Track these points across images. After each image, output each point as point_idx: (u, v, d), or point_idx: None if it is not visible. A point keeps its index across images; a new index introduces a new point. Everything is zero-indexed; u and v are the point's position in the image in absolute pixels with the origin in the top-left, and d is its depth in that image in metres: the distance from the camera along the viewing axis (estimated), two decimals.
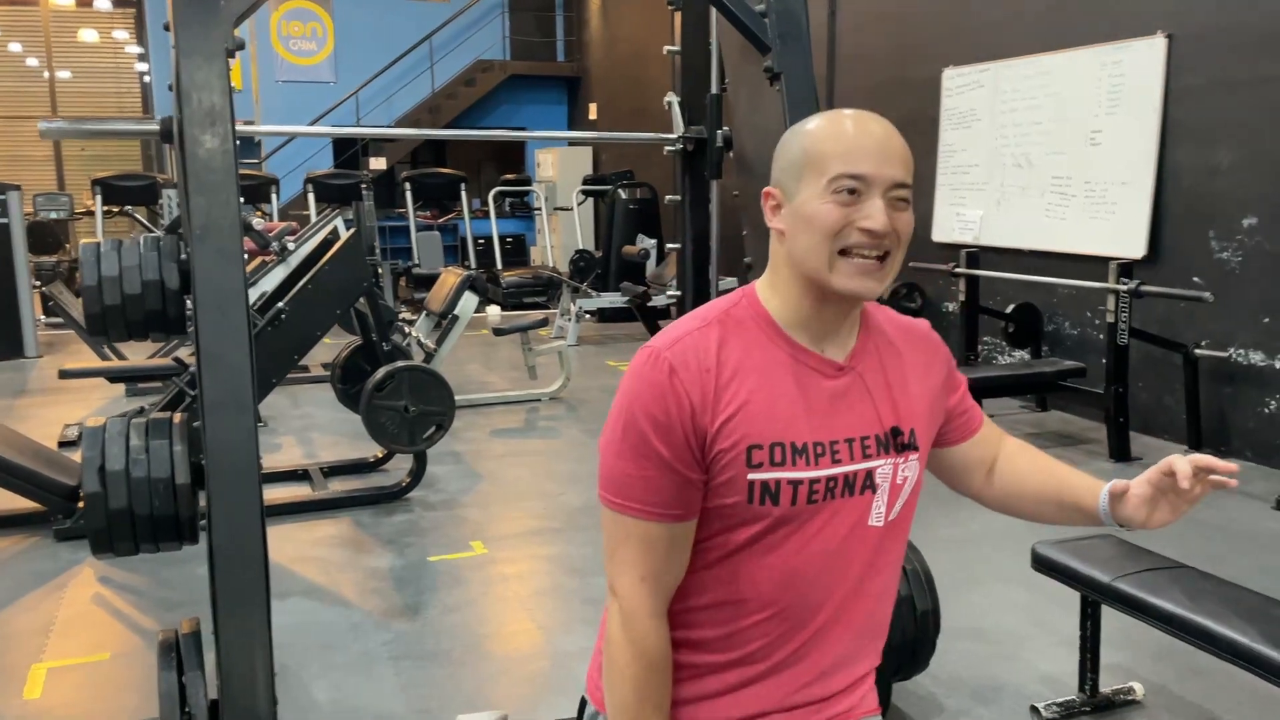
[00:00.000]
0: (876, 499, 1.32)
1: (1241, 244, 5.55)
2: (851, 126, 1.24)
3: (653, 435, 1.23)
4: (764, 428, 1.25)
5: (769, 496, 1.25)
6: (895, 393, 1.34)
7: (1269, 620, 2.44)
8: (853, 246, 1.22)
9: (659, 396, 1.23)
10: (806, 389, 1.28)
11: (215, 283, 2.26)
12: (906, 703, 3.01)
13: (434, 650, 3.45)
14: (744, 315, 1.30)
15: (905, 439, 1.34)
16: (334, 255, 4.71)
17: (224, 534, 2.20)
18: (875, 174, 1.22)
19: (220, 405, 2.23)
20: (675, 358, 1.24)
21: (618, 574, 1.29)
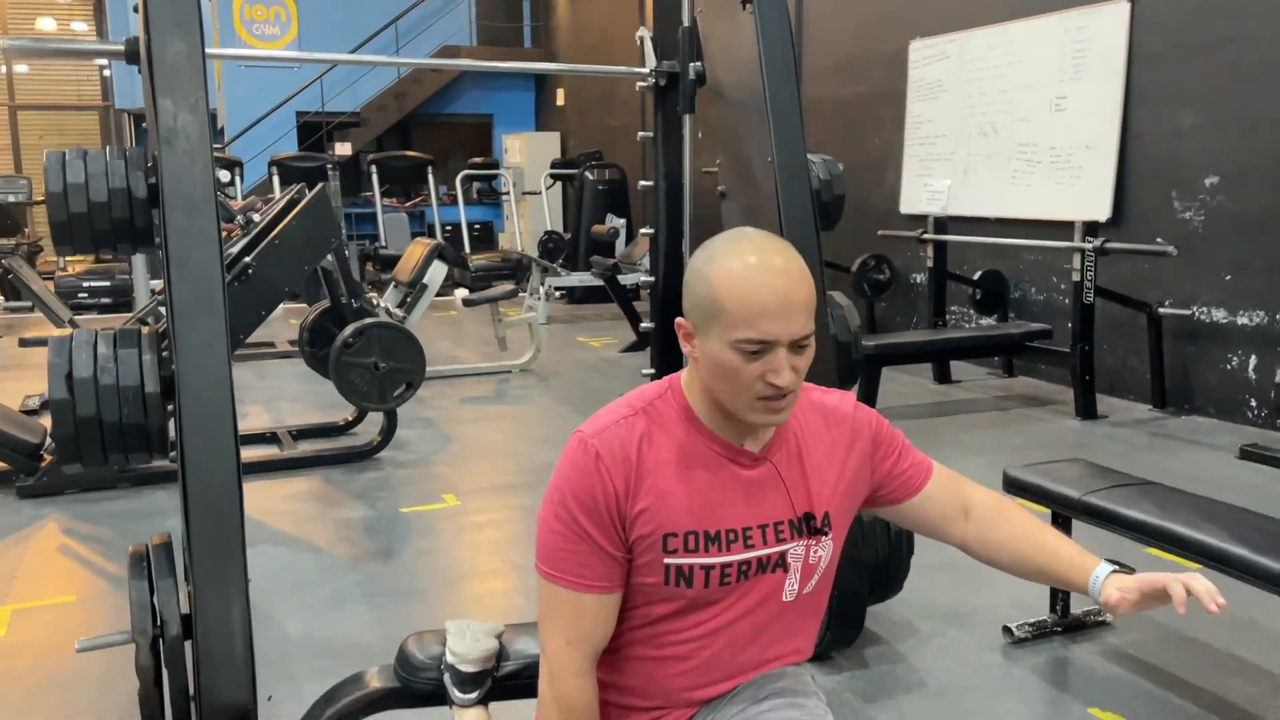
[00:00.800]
0: (789, 578, 1.41)
1: (1204, 204, 5.63)
2: (757, 285, 1.26)
3: (581, 516, 1.33)
4: (679, 517, 1.34)
5: (683, 579, 1.35)
6: (810, 479, 1.42)
7: (1237, 524, 2.48)
8: (760, 395, 1.29)
9: (586, 481, 1.33)
10: (722, 479, 1.37)
11: (183, 186, 2.22)
12: (880, 626, 3.03)
13: (408, 588, 3.43)
14: (667, 408, 1.39)
15: (818, 523, 1.41)
16: (302, 209, 4.65)
17: (195, 440, 2.17)
18: (779, 334, 1.26)
19: (190, 310, 2.19)
20: (601, 445, 1.34)
21: (548, 637, 1.39)
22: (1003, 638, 2.98)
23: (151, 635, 2.19)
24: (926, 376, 6.74)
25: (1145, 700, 2.63)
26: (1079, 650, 2.92)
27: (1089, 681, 2.75)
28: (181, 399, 2.16)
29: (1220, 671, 2.78)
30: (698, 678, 1.42)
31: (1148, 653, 2.89)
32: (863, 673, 2.79)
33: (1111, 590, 1.37)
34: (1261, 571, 2.27)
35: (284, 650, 2.96)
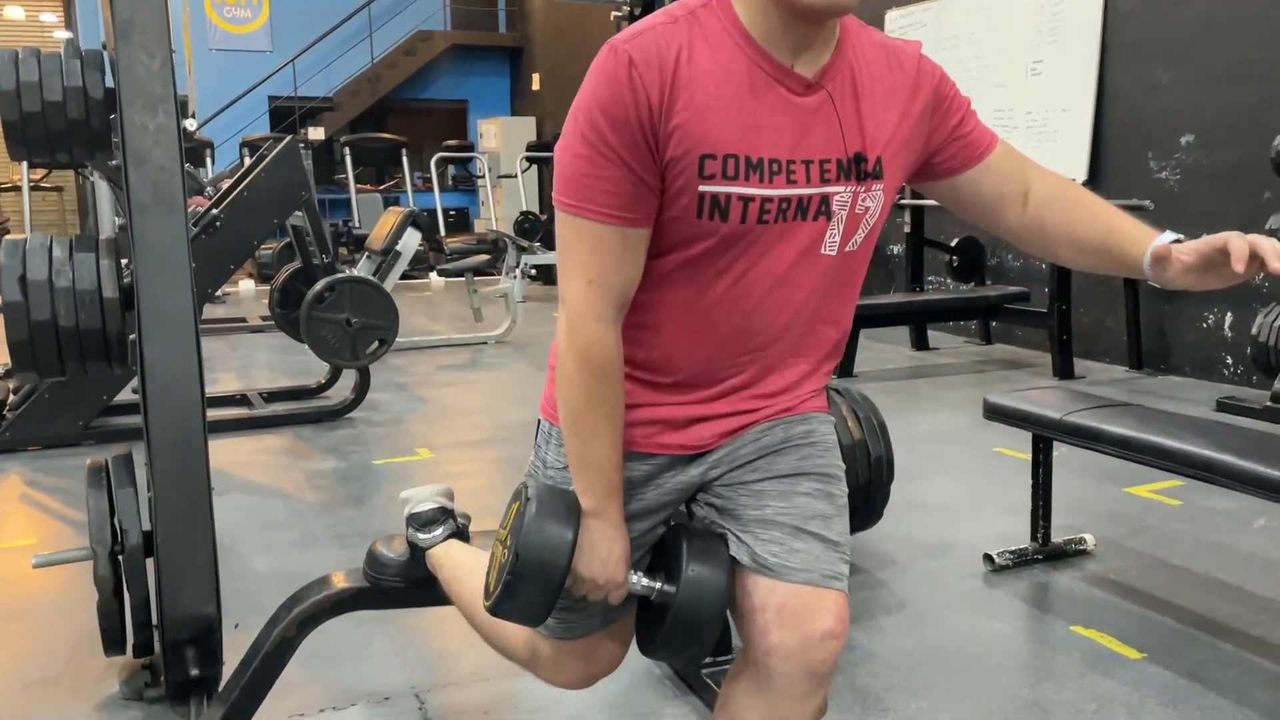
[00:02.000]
0: (831, 226, 1.27)
1: (1179, 162, 5.64)
2: None
3: (609, 132, 1.18)
4: (719, 137, 1.19)
5: (718, 211, 1.21)
6: (865, 117, 1.27)
7: (1217, 434, 2.45)
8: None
9: (617, 92, 1.17)
10: (769, 103, 1.21)
11: (140, 80, 2.14)
12: (860, 558, 2.99)
13: (380, 530, 3.33)
14: (711, 18, 1.22)
15: (869, 167, 1.27)
16: (271, 161, 4.57)
17: (157, 344, 2.09)
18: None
19: (149, 208, 2.11)
20: (635, 51, 1.18)
21: (566, 279, 1.25)
22: (983, 565, 2.94)
23: (110, 546, 2.12)
24: (904, 344, 6.72)
25: (1128, 618, 2.60)
26: (1060, 576, 2.89)
27: (1071, 603, 2.72)
28: (141, 298, 2.09)
29: (1202, 591, 2.75)
30: (726, 349, 1.31)
31: (1129, 578, 2.86)
32: None
33: (1166, 246, 1.28)
34: (1247, 476, 2.23)
35: (251, 584, 2.88)
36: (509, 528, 1.33)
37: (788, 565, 1.31)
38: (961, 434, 4.45)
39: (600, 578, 1.31)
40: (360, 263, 6.88)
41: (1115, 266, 1.37)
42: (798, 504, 1.34)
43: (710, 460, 1.39)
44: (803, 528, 1.33)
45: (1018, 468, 3.73)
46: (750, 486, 1.37)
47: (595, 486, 1.30)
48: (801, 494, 1.35)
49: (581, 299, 1.24)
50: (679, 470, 1.39)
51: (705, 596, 1.30)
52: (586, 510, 1.31)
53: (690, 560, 1.31)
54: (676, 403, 1.35)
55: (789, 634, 1.28)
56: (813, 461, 1.38)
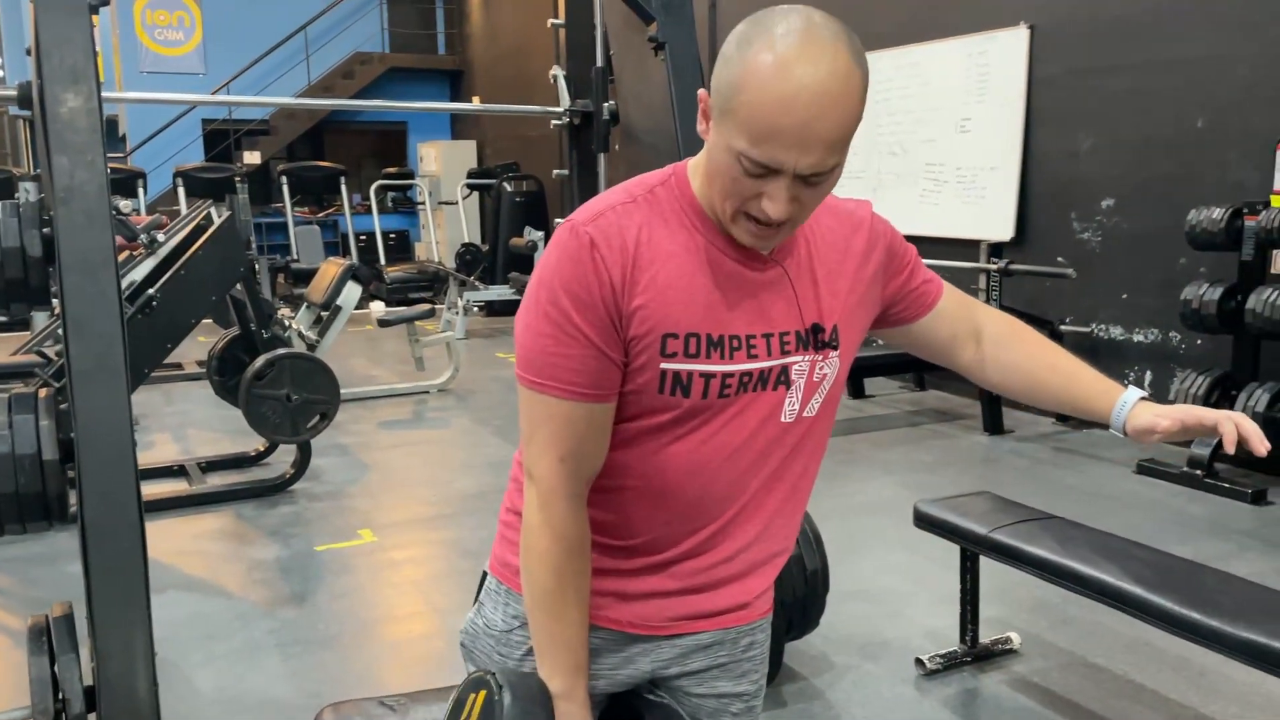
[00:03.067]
0: (790, 395, 1.29)
1: (1101, 224, 5.84)
2: (779, 99, 1.08)
3: (574, 311, 1.19)
4: (681, 316, 1.21)
5: (679, 388, 1.23)
6: (821, 288, 1.30)
7: (1132, 560, 2.58)
8: (748, 213, 1.17)
9: (580, 272, 1.18)
10: (727, 280, 1.24)
11: (81, 247, 2.16)
12: (798, 662, 3.08)
13: (324, 635, 3.37)
14: (670, 197, 1.25)
15: (825, 336, 1.30)
16: (209, 238, 4.54)
17: (98, 507, 2.11)
18: (785, 164, 1.11)
19: (90, 374, 2.13)
20: (596, 233, 1.19)
21: (537, 456, 1.26)
22: (915, 669, 3.05)
23: (53, 711, 2.12)
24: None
25: None
26: (987, 680, 3.01)
27: (997, 712, 2.83)
28: (82, 466, 2.10)
29: (1120, 697, 2.89)
30: (687, 517, 1.32)
31: (1052, 681, 2.99)
32: (781, 712, 2.84)
33: (1145, 415, 1.32)
34: (1154, 609, 2.36)
35: (195, 708, 2.88)
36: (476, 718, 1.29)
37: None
38: (894, 504, 4.57)
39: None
40: (300, 312, 6.84)
41: (1078, 414, 1.44)
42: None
43: (661, 658, 1.41)
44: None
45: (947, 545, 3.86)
46: (692, 699, 1.44)
47: (563, 665, 1.30)
48: (730, 714, 1.46)
49: (554, 475, 1.25)
50: (629, 656, 1.40)
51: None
52: (555, 693, 1.30)
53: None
54: (631, 570, 1.36)
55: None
56: (744, 684, 1.46)
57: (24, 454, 2.16)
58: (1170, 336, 5.50)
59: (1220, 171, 5.18)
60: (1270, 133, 4.89)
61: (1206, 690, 2.92)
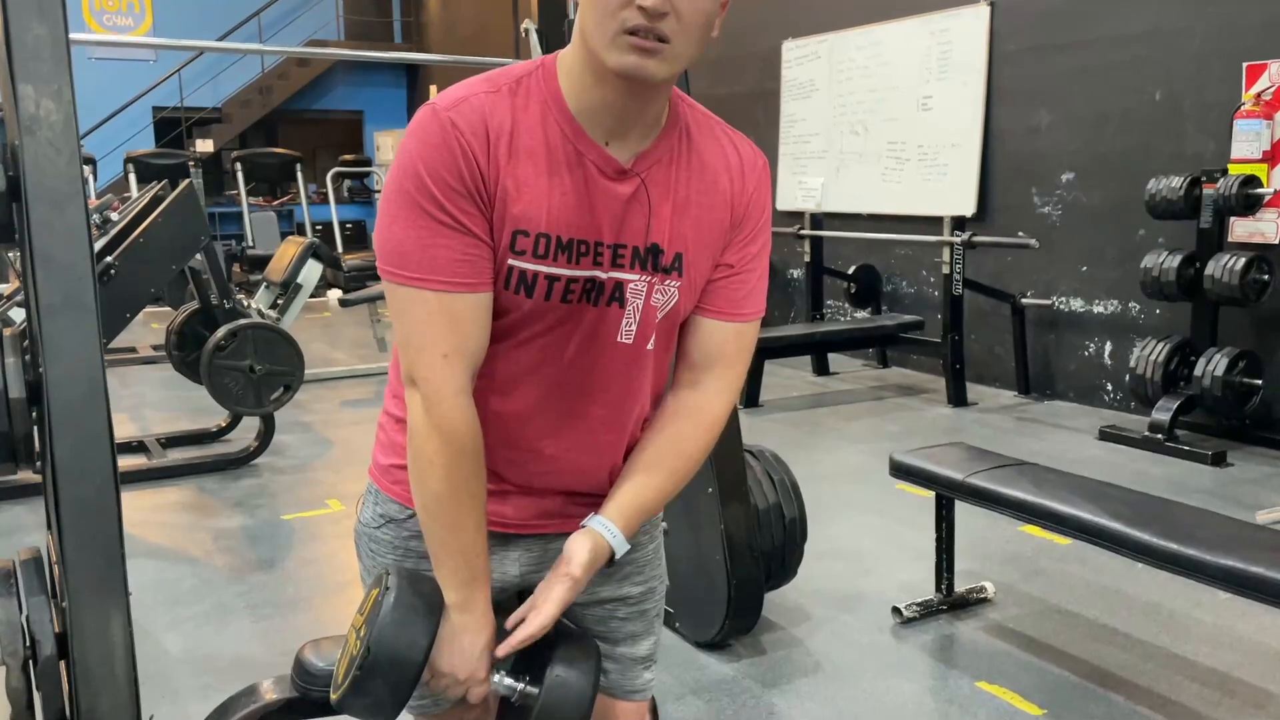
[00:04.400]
0: (626, 316, 1.25)
1: (1061, 199, 5.92)
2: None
3: (444, 198, 1.14)
4: (534, 215, 1.18)
5: (524, 287, 1.20)
6: (675, 210, 1.24)
7: (1108, 499, 2.61)
8: (627, 25, 1.11)
9: (448, 158, 1.14)
10: (584, 184, 1.20)
11: (48, 179, 2.08)
12: (776, 614, 3.08)
13: (294, 597, 3.31)
14: (535, 89, 1.20)
15: (665, 261, 1.24)
16: (168, 206, 4.44)
17: (68, 446, 2.04)
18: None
19: (58, 308, 2.06)
20: (459, 117, 1.15)
21: (416, 357, 1.19)
22: (892, 618, 3.06)
23: (23, 656, 2.06)
24: (806, 369, 6.89)
25: (1028, 672, 2.75)
26: (964, 627, 3.03)
27: (974, 656, 2.85)
28: (51, 404, 2.04)
29: (1094, 641, 2.92)
30: (543, 412, 1.28)
31: (1027, 627, 3.02)
32: (761, 659, 2.84)
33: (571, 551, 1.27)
34: (1132, 543, 2.39)
35: (164, 667, 2.82)
36: (365, 615, 1.26)
37: None
38: (864, 471, 4.60)
39: (461, 673, 1.26)
40: (259, 293, 6.73)
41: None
42: (612, 627, 1.44)
43: (528, 561, 1.39)
44: (613, 651, 1.44)
45: (919, 505, 3.89)
46: (575, 609, 1.39)
47: (459, 574, 1.25)
48: (618, 619, 1.44)
49: (439, 375, 1.19)
50: (498, 559, 1.37)
51: (569, 702, 1.24)
52: (450, 602, 1.25)
53: (557, 662, 1.26)
54: (494, 468, 1.32)
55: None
56: (632, 581, 1.44)
57: None
58: (1130, 307, 5.59)
59: (1178, 143, 5.27)
60: (1226, 105, 4.99)
61: (1176, 632, 2.97)
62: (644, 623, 1.46)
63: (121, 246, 4.35)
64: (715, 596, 2.77)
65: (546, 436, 1.31)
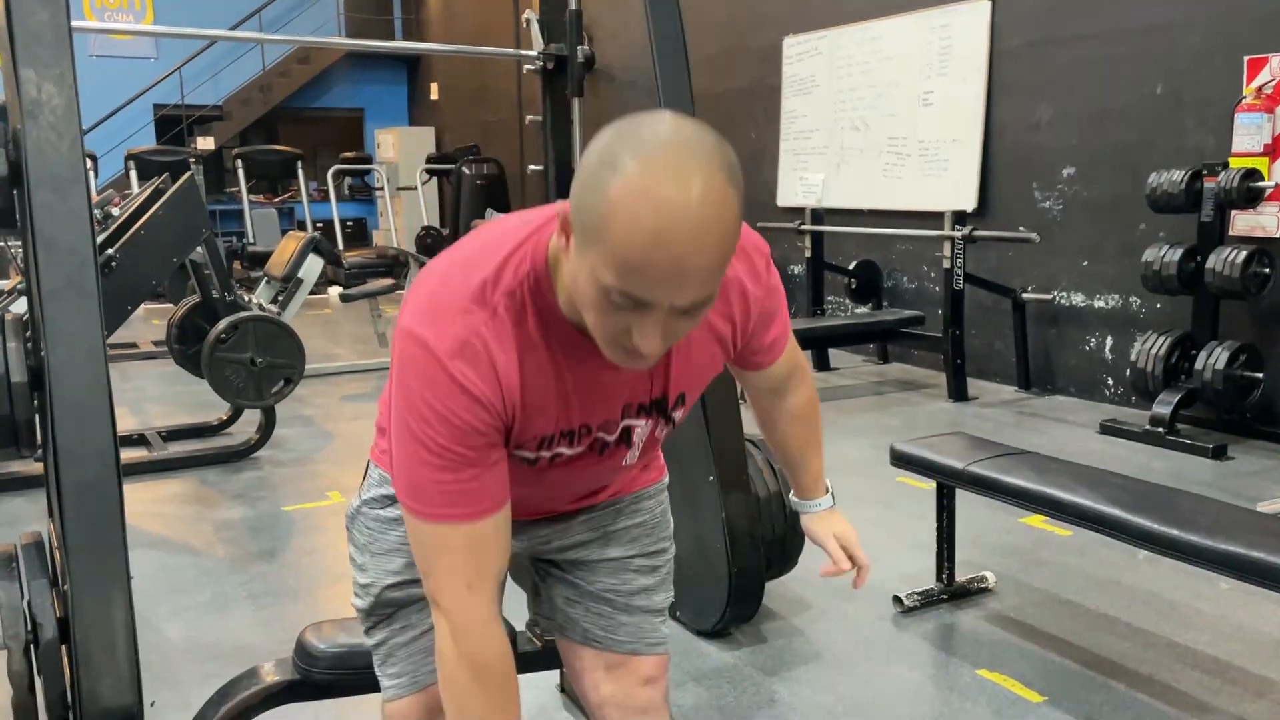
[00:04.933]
0: (631, 450, 1.35)
1: (1062, 193, 5.92)
2: (653, 235, 0.96)
3: (457, 445, 1.13)
4: (541, 427, 1.21)
5: (527, 463, 1.26)
6: (675, 362, 1.26)
7: (1107, 486, 2.61)
8: (621, 344, 1.06)
9: (465, 409, 1.12)
10: (588, 381, 1.21)
11: (50, 163, 2.09)
12: (776, 603, 3.08)
13: (295, 587, 3.31)
14: (529, 302, 1.14)
15: (670, 405, 1.31)
16: (168, 199, 4.45)
17: (70, 429, 2.05)
18: (659, 300, 1.00)
19: (60, 292, 2.06)
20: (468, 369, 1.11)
21: (439, 586, 1.19)
22: (893, 607, 3.07)
23: (24, 640, 2.06)
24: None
25: (1028, 660, 2.75)
26: (964, 616, 3.03)
27: (975, 645, 2.85)
28: (53, 388, 2.04)
29: (1094, 629, 2.92)
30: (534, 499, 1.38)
31: (1028, 616, 3.02)
32: (762, 647, 2.84)
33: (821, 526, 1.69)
34: (1132, 529, 2.39)
35: (165, 655, 2.82)
36: None
37: (613, 638, 1.51)
38: (866, 464, 4.60)
39: None
40: (260, 288, 6.74)
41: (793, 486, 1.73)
42: (625, 579, 1.52)
43: (537, 534, 1.49)
44: (630, 604, 1.52)
45: (920, 496, 3.89)
46: (586, 563, 1.53)
47: None
48: (630, 571, 1.53)
49: (464, 607, 1.18)
50: None
51: None
52: None
53: None
54: None
55: (617, 686, 1.50)
56: (641, 543, 1.54)
57: None
58: (1130, 302, 5.59)
59: (1178, 138, 5.27)
60: (1226, 99, 4.99)
61: (1177, 622, 2.97)
62: (657, 577, 1.55)
63: (122, 239, 4.36)
64: (716, 585, 2.77)
65: (546, 508, 1.46)
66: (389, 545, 1.49)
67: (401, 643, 1.50)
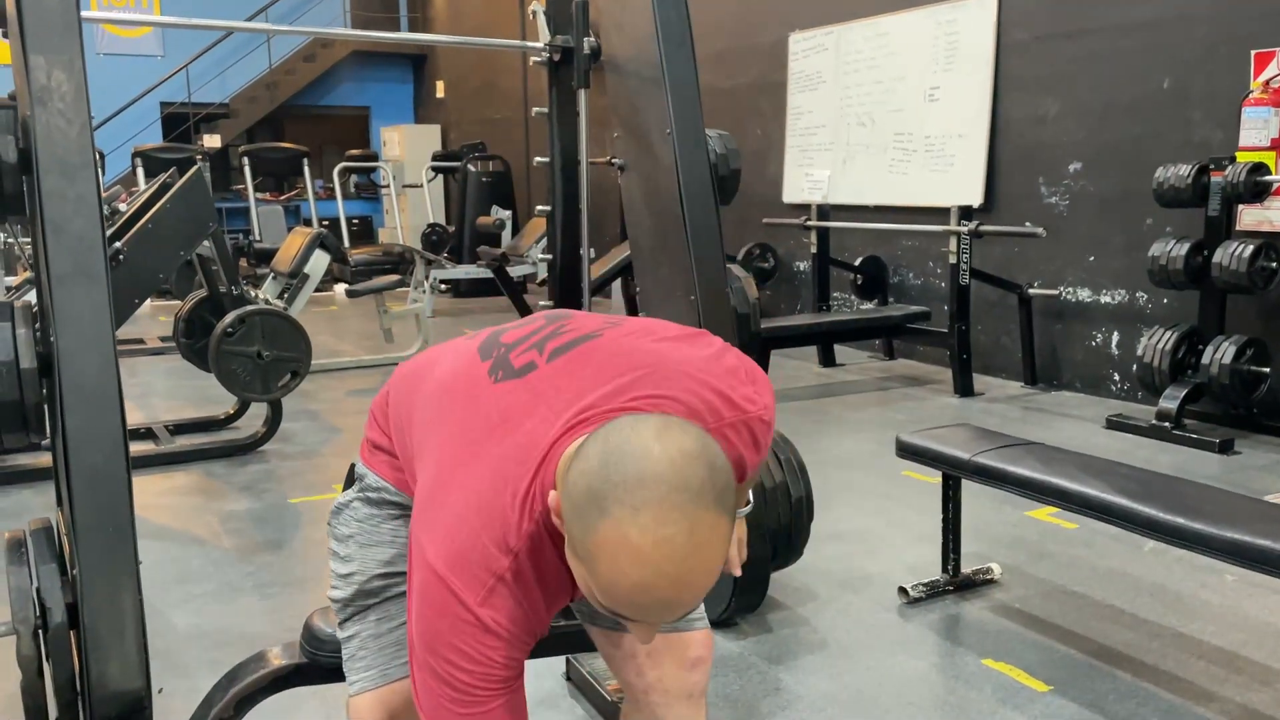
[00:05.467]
0: None
1: (1068, 189, 5.91)
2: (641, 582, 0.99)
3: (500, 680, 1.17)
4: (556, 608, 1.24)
5: None
6: None
7: (1114, 475, 2.61)
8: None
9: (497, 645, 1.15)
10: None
11: (59, 148, 2.10)
12: (782, 593, 3.08)
13: (300, 576, 3.32)
14: (540, 534, 1.16)
15: None
16: (176, 192, 4.45)
17: (79, 414, 2.05)
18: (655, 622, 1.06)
19: (69, 277, 2.07)
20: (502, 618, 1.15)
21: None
22: (898, 598, 3.06)
23: (34, 624, 2.07)
24: (812, 360, 6.90)
25: (1034, 650, 2.74)
26: (970, 607, 3.03)
27: (981, 635, 2.85)
28: (62, 373, 2.05)
29: (1100, 620, 2.92)
30: None
31: (1033, 607, 3.02)
32: (767, 636, 2.84)
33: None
34: (1138, 518, 2.39)
35: (173, 643, 2.83)
36: None
37: None
38: (871, 458, 4.60)
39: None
40: (266, 283, 6.76)
41: None
42: None
43: None
44: None
45: (925, 491, 3.89)
46: None
47: None
48: None
49: None
50: None
51: None
52: None
53: None
54: None
55: (662, 669, 1.48)
56: None
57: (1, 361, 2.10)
58: (1137, 297, 5.58)
59: (1185, 131, 5.26)
60: (1233, 92, 4.98)
61: (1183, 613, 2.96)
62: None
63: (130, 232, 4.37)
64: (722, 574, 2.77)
65: None
66: (381, 537, 1.54)
67: (375, 634, 1.53)
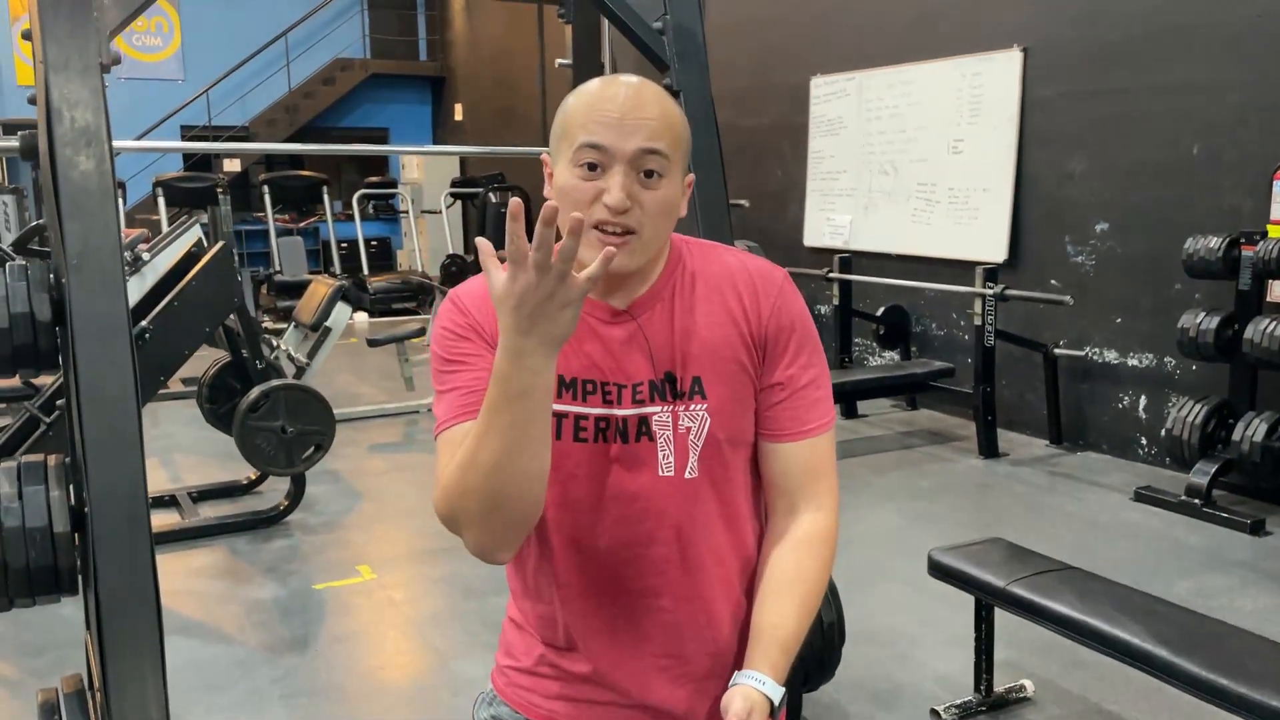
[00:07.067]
0: (660, 448, 1.26)
1: (1095, 248, 5.86)
2: (599, 91, 1.22)
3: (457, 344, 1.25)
4: None
5: None
6: (680, 339, 1.27)
7: (1154, 618, 2.57)
8: (599, 222, 1.18)
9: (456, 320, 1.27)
10: (582, 332, 1.24)
11: (95, 314, 2.10)
12: (813, 712, 3.05)
13: (326, 684, 3.31)
14: None
15: (683, 386, 1.26)
16: (202, 269, 4.46)
17: (113, 584, 2.05)
18: (615, 146, 1.18)
19: (104, 444, 2.07)
20: (463, 294, 1.29)
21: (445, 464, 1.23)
22: None
23: None
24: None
25: None
26: None
27: None
28: (96, 541, 2.05)
29: None
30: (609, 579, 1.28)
31: None
32: None
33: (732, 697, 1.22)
34: (1181, 674, 2.35)
35: None
36: None
37: None
38: (899, 535, 4.57)
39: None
40: (288, 332, 6.77)
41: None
42: None
43: None
44: None
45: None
46: None
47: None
48: None
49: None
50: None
51: None
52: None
53: None
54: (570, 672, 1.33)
55: None
56: None
57: (34, 527, 2.10)
58: (1165, 362, 5.53)
59: (1215, 198, 5.20)
60: (1265, 160, 4.91)
61: None
62: None
63: (155, 310, 4.38)
64: None
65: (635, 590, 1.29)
66: None
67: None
